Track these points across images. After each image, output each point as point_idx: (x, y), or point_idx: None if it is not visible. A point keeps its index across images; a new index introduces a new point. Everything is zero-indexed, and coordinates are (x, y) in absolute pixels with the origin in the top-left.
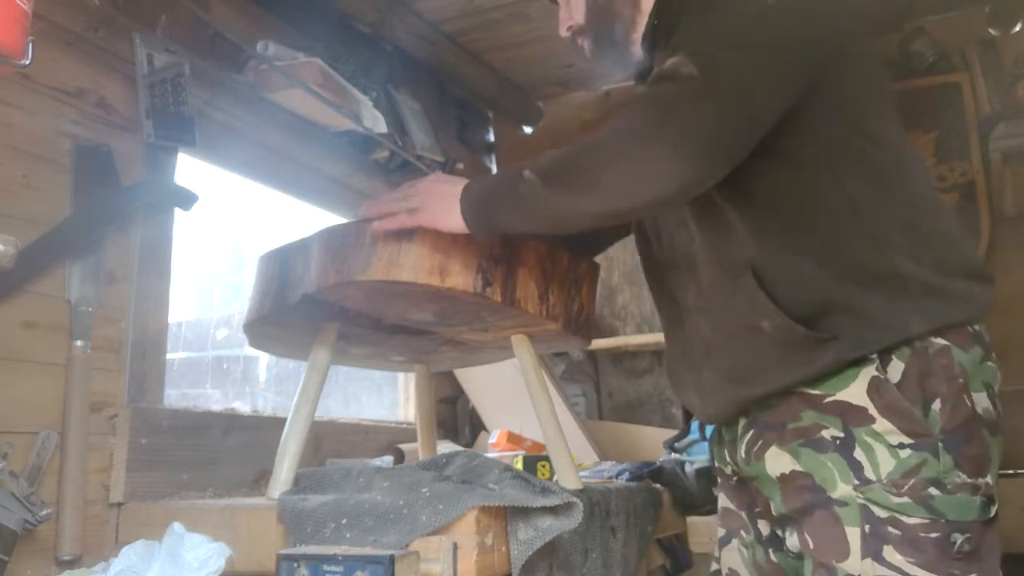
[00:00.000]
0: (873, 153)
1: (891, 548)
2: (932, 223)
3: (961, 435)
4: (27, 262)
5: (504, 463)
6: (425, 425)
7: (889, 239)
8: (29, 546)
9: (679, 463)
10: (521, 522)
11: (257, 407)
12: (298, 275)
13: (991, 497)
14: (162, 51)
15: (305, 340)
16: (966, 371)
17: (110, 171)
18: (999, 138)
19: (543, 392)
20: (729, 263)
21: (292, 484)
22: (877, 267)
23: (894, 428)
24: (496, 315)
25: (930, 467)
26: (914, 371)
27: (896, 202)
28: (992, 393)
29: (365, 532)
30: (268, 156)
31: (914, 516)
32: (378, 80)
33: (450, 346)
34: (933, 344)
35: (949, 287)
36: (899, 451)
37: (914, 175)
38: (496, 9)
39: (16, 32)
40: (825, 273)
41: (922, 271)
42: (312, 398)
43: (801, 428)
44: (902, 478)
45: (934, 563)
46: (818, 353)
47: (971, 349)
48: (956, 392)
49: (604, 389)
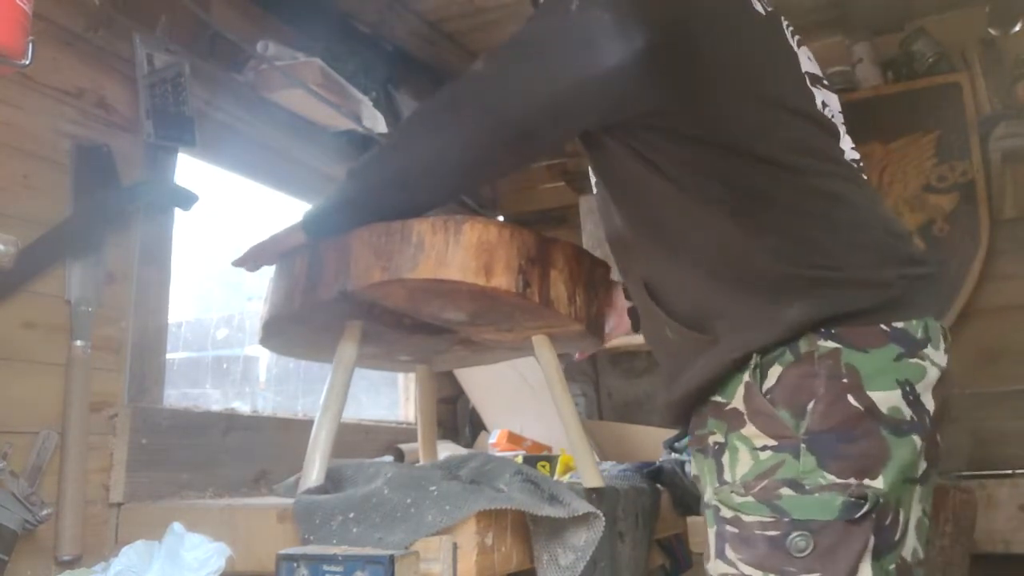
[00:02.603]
0: (744, 166)
1: (729, 546)
2: (821, 226)
3: (835, 435)
4: (27, 262)
5: (518, 465)
6: (426, 425)
7: (770, 246)
8: (29, 546)
9: (679, 463)
10: (559, 547)
11: (257, 407)
12: (332, 272)
13: (864, 497)
14: (162, 51)
15: (325, 339)
16: (856, 371)
17: (110, 171)
18: (999, 138)
19: (565, 392)
20: (634, 279)
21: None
22: (751, 273)
23: (759, 431)
24: (528, 315)
25: (788, 468)
26: (792, 374)
27: (775, 210)
28: (910, 391)
29: (372, 528)
30: (268, 156)
31: (753, 515)
32: (378, 80)
33: (462, 345)
34: (821, 348)
35: (838, 285)
36: (760, 453)
37: (798, 181)
38: (496, 9)
39: (16, 32)
40: (705, 282)
41: (805, 272)
42: (340, 395)
43: (701, 435)
44: (755, 479)
45: (763, 560)
46: (707, 357)
47: (876, 349)
48: (836, 392)
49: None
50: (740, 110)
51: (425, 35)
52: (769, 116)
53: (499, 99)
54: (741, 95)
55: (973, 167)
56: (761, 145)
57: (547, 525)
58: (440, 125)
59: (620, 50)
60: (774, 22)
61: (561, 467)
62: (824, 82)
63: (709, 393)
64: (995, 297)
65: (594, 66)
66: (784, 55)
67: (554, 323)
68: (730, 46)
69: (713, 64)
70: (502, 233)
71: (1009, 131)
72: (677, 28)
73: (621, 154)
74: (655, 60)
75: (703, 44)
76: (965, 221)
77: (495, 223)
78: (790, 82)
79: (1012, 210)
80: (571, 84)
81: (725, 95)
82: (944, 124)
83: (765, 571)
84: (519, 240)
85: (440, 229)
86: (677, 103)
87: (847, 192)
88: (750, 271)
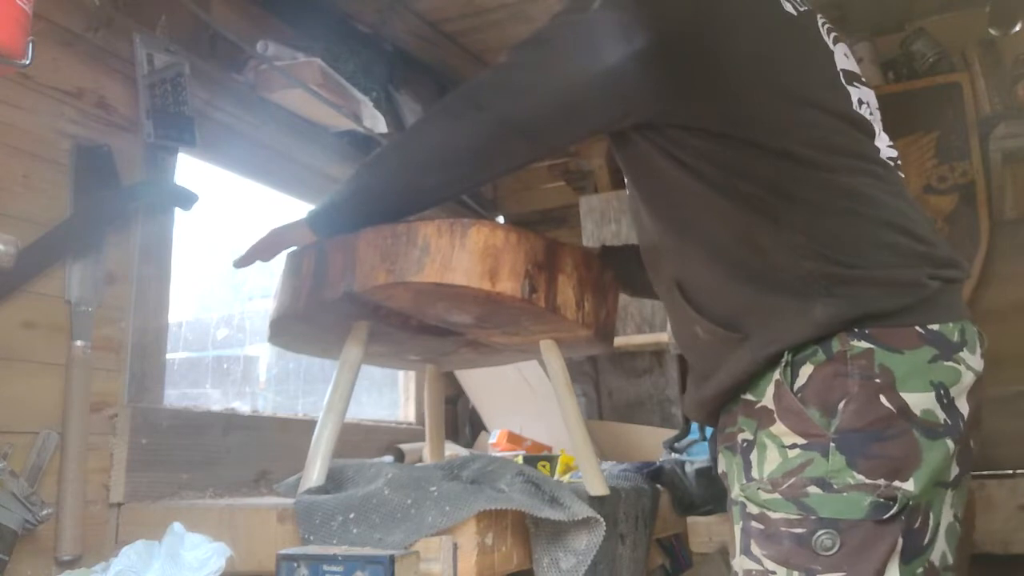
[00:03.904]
0: (766, 163)
1: (754, 542)
2: (844, 224)
3: (866, 435)
4: (27, 262)
5: (520, 466)
6: (434, 426)
7: (794, 243)
8: (29, 546)
9: (679, 463)
10: (560, 551)
11: (257, 407)
12: (338, 272)
13: (893, 498)
14: (162, 51)
15: (331, 337)
16: (890, 371)
17: (110, 171)
18: (1000, 138)
19: (571, 397)
20: (665, 280)
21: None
22: (776, 270)
23: (788, 430)
24: (534, 320)
25: (816, 466)
26: (825, 373)
27: (797, 207)
28: (944, 394)
29: (372, 528)
30: (268, 156)
31: (780, 511)
32: (378, 80)
33: (470, 347)
34: (854, 348)
35: (864, 283)
36: (788, 451)
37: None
38: (496, 9)
39: (16, 32)
40: (732, 280)
41: (830, 269)
42: (344, 395)
43: (730, 432)
44: (783, 477)
45: (788, 556)
46: (739, 353)
47: (911, 350)
48: (869, 392)
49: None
50: (763, 108)
51: (425, 35)
52: (795, 113)
53: (513, 92)
54: (765, 93)
55: (973, 168)
56: (784, 141)
57: (548, 528)
58: (456, 114)
59: (620, 50)
60: (806, 21)
61: (561, 467)
62: (862, 79)
63: (740, 391)
64: (995, 298)
65: (596, 64)
66: (816, 53)
67: (561, 328)
68: (752, 46)
69: (732, 63)
70: (509, 237)
71: (1010, 131)
72: (687, 28)
73: (649, 152)
74: (655, 60)
75: (720, 44)
76: (965, 222)
77: (502, 227)
78: (821, 80)
79: (1012, 211)
80: (577, 82)
81: (748, 93)
82: (944, 124)
83: (790, 568)
84: (527, 244)
85: (446, 232)
86: (688, 101)
87: (875, 191)
88: (775, 268)
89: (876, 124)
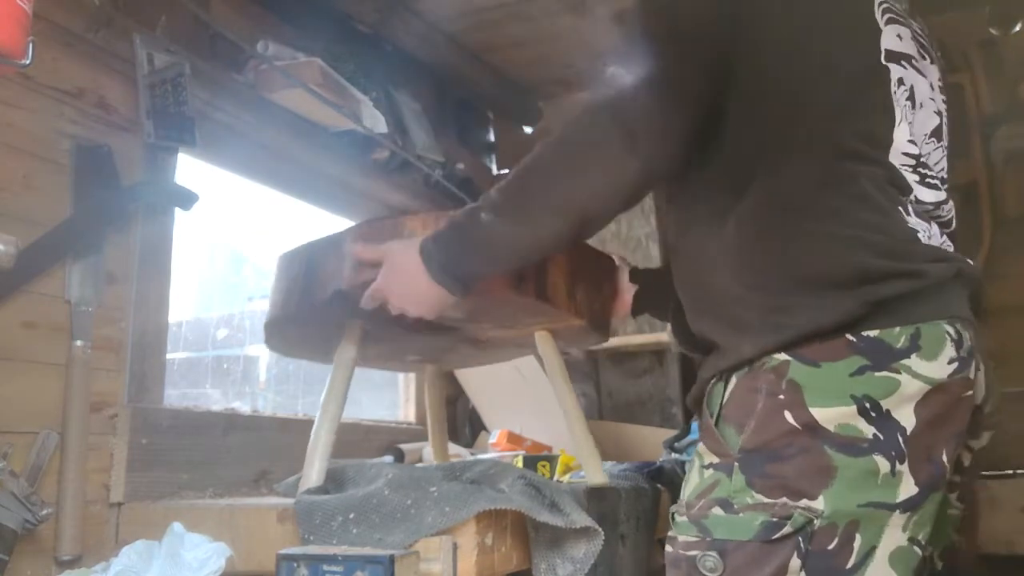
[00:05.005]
0: (702, 191)
1: (668, 565)
2: (775, 243)
3: (764, 454)
4: (27, 262)
5: (521, 470)
6: (436, 426)
7: (725, 269)
8: (29, 546)
9: (679, 463)
10: (558, 557)
11: (257, 407)
12: (329, 272)
13: (787, 517)
14: (162, 51)
15: (326, 340)
16: (798, 386)
17: (110, 171)
18: (1003, 139)
19: (567, 386)
20: (679, 286)
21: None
22: (720, 298)
23: (707, 449)
24: (526, 312)
25: (722, 487)
26: (742, 388)
27: (731, 236)
28: (871, 407)
29: (372, 529)
30: (268, 156)
31: (685, 534)
32: (378, 80)
33: (468, 344)
34: (771, 360)
35: (792, 302)
36: (704, 471)
37: (754, 202)
38: (496, 9)
39: (16, 32)
40: (695, 307)
41: (754, 295)
42: (339, 396)
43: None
44: (696, 498)
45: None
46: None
47: (830, 362)
48: (771, 409)
49: (604, 389)
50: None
51: (425, 35)
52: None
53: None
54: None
55: (975, 167)
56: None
57: (547, 534)
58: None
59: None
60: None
61: (561, 467)
62: (912, 60)
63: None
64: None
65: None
66: (858, 29)
67: (554, 319)
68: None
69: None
70: None
71: (1012, 132)
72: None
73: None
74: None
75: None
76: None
77: None
78: (852, 57)
79: (1014, 211)
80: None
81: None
82: None
83: None
84: None
85: (431, 225)
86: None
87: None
88: (721, 299)
89: (910, 110)
